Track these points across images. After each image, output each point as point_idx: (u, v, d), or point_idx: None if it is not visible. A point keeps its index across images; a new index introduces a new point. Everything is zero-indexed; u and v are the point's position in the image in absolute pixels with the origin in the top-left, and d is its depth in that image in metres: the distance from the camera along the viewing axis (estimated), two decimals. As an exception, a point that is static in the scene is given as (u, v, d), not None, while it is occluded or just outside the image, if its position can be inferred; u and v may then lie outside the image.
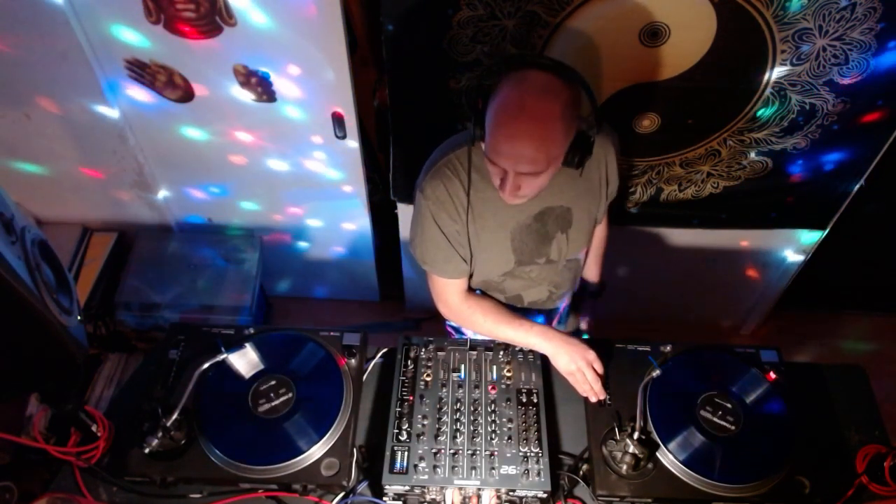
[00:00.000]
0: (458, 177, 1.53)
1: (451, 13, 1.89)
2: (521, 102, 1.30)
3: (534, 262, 1.69)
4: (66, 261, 2.74)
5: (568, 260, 1.74)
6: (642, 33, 1.92)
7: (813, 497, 1.47)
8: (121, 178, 2.66)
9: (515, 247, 1.64)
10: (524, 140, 1.32)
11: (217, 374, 1.53)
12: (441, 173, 1.54)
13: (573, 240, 1.69)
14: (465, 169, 1.52)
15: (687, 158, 2.33)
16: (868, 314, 3.40)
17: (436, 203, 1.55)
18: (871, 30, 1.87)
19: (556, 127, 1.32)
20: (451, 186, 1.54)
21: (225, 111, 2.37)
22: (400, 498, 1.49)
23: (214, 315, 2.74)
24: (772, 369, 1.64)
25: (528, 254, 1.66)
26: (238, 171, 2.63)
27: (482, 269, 1.68)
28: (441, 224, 1.57)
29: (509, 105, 1.31)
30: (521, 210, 1.58)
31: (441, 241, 1.58)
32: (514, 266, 1.68)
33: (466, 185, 1.53)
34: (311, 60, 2.17)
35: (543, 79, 1.30)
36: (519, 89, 1.31)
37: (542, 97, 1.29)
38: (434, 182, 1.54)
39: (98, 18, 2.09)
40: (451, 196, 1.54)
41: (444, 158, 1.55)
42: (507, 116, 1.32)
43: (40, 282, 1.21)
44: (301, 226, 2.94)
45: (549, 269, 1.73)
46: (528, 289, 1.78)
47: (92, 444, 1.49)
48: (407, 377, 1.62)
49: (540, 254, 1.68)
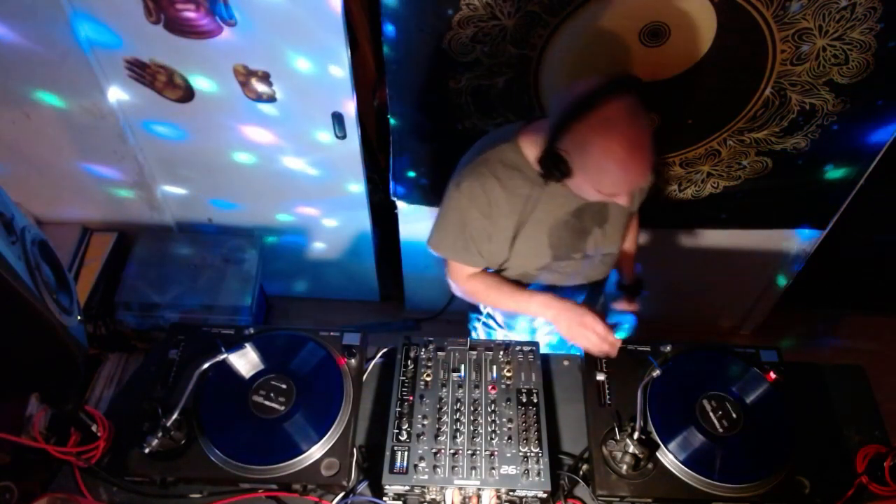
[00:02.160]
0: (496, 175, 1.53)
1: (451, 13, 1.89)
2: (623, 143, 1.28)
3: (570, 257, 1.70)
4: (66, 261, 2.75)
5: (603, 254, 1.74)
6: (642, 33, 1.92)
7: (813, 497, 1.47)
8: (121, 178, 2.66)
9: (552, 242, 1.64)
10: (640, 172, 1.34)
11: (217, 374, 1.53)
12: (478, 171, 1.54)
13: (609, 234, 1.69)
14: (503, 167, 1.53)
15: (687, 158, 2.33)
16: (868, 314, 3.40)
17: (469, 199, 1.55)
18: (871, 30, 1.87)
19: (652, 138, 1.32)
20: (487, 184, 1.54)
21: (225, 111, 2.37)
22: (400, 498, 1.49)
23: (214, 315, 2.74)
24: (772, 369, 1.64)
25: (564, 249, 1.67)
26: (238, 170, 2.63)
27: (518, 262, 1.69)
28: (468, 219, 1.58)
29: (614, 153, 1.29)
30: (559, 206, 1.58)
31: (463, 233, 1.61)
32: (551, 261, 1.69)
33: (505, 185, 1.53)
34: (312, 61, 2.17)
35: (625, 108, 1.28)
36: (614, 134, 1.28)
37: (636, 125, 1.28)
38: (470, 179, 1.55)
39: (98, 19, 2.09)
40: (486, 193, 1.54)
41: (482, 156, 1.55)
42: (617, 163, 1.31)
43: (40, 282, 1.21)
44: (301, 226, 2.94)
45: (584, 264, 1.74)
46: (563, 283, 1.78)
47: (92, 444, 1.49)
48: (407, 377, 1.62)
49: (576, 248, 1.68)
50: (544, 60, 2.01)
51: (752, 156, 2.30)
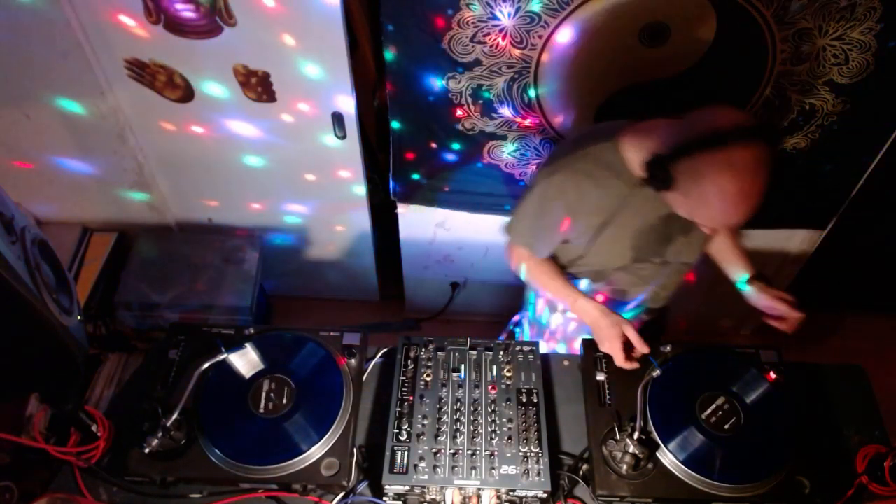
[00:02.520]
0: (591, 172, 1.52)
1: (451, 13, 1.89)
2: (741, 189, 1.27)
3: (649, 261, 1.69)
4: (66, 261, 2.75)
5: (682, 262, 1.73)
6: (642, 33, 1.92)
7: (813, 497, 1.47)
8: (121, 178, 2.66)
9: (635, 244, 1.63)
10: (738, 219, 1.33)
11: (217, 374, 1.53)
12: (574, 166, 1.54)
13: (692, 244, 1.68)
14: (599, 165, 1.52)
15: (687, 158, 2.33)
16: (868, 314, 3.40)
17: (558, 191, 1.55)
18: (871, 30, 1.87)
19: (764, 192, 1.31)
20: (580, 180, 1.53)
21: (225, 111, 2.37)
22: (400, 498, 1.49)
23: (214, 315, 2.74)
24: (772, 369, 1.64)
25: (645, 252, 1.66)
26: (238, 170, 2.63)
27: (597, 260, 1.69)
28: (550, 209, 1.58)
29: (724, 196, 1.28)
30: (649, 210, 1.56)
31: (539, 221, 1.62)
32: (630, 262, 1.68)
33: (600, 183, 1.52)
34: (311, 60, 2.17)
35: (753, 155, 1.26)
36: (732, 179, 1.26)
37: (757, 176, 1.27)
38: (564, 172, 1.55)
39: (98, 18, 2.09)
40: (577, 189, 1.54)
41: (581, 151, 1.54)
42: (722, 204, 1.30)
43: (40, 282, 1.21)
44: (301, 226, 2.94)
45: (661, 270, 1.73)
46: (635, 286, 1.79)
47: (92, 444, 1.49)
48: (407, 377, 1.62)
49: (657, 254, 1.68)
50: (544, 61, 2.01)
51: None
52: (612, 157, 1.51)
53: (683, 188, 1.33)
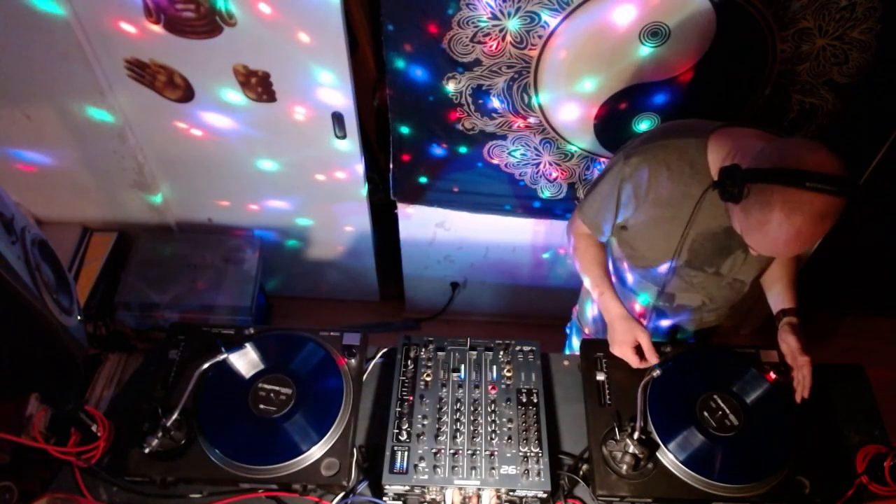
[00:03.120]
0: (669, 164, 1.51)
1: (451, 13, 1.89)
2: (793, 230, 1.26)
3: (703, 269, 1.67)
4: (66, 261, 2.75)
5: (735, 279, 1.70)
6: (642, 33, 1.92)
7: (813, 497, 1.47)
8: (121, 178, 2.66)
9: (692, 246, 1.61)
10: (798, 251, 1.33)
11: (217, 374, 1.53)
12: (652, 153, 1.52)
13: (750, 263, 1.65)
14: (680, 160, 1.50)
15: (687, 158, 2.33)
16: (868, 314, 3.40)
17: (632, 174, 1.54)
18: (871, 30, 1.87)
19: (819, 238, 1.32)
20: (656, 169, 1.52)
21: (225, 111, 2.37)
22: (400, 498, 1.49)
23: (214, 315, 2.74)
24: (772, 369, 1.64)
25: (701, 258, 1.64)
26: (238, 170, 2.63)
27: (652, 256, 1.67)
28: (620, 190, 1.58)
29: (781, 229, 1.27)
30: (716, 216, 1.53)
31: (607, 200, 1.62)
32: (683, 264, 1.66)
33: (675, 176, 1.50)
34: (312, 60, 2.17)
35: (822, 205, 1.24)
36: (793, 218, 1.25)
37: (817, 225, 1.26)
38: (641, 156, 1.53)
39: (98, 18, 2.09)
40: (651, 177, 1.52)
41: (664, 140, 1.53)
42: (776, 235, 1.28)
43: (40, 282, 1.21)
44: (301, 226, 2.94)
45: (712, 281, 1.70)
46: (685, 292, 1.76)
47: (92, 444, 1.49)
48: (407, 377, 1.62)
49: (711, 263, 1.65)
50: (544, 60, 2.01)
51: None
52: (696, 155, 1.48)
53: (747, 208, 1.32)
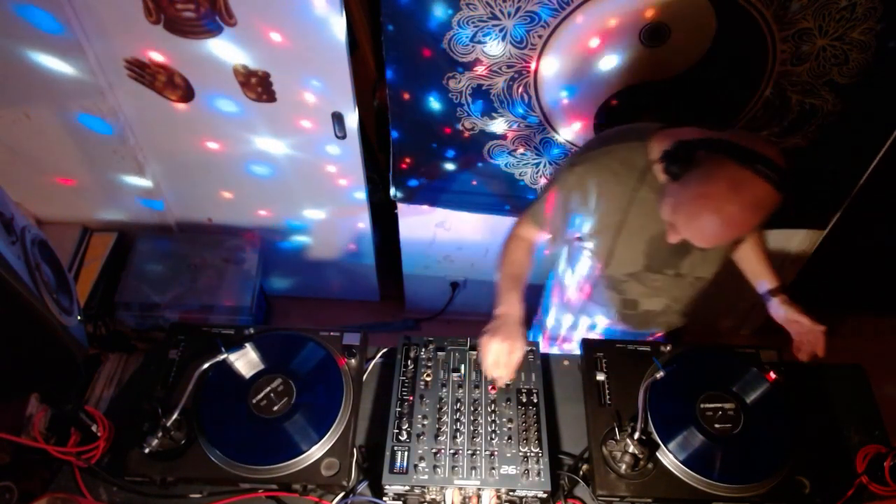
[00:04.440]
0: (615, 170, 1.51)
1: (451, 13, 1.89)
2: (725, 208, 1.25)
3: (662, 272, 1.67)
4: (66, 261, 2.73)
5: (696, 277, 1.71)
6: (642, 33, 1.92)
7: (813, 497, 1.47)
8: (121, 178, 2.66)
9: (649, 251, 1.61)
10: (706, 237, 1.32)
11: (217, 374, 1.53)
12: (599, 161, 1.53)
13: (708, 259, 1.65)
14: (625, 166, 1.50)
15: (687, 158, 2.33)
16: (868, 314, 3.40)
17: (578, 181, 1.54)
18: (871, 30, 1.87)
19: (746, 230, 1.31)
20: (603, 176, 1.52)
21: (225, 111, 2.37)
22: (400, 498, 1.49)
23: (214, 315, 2.74)
24: (772, 369, 1.64)
25: (659, 261, 1.64)
26: (238, 170, 2.63)
27: (611, 262, 1.66)
28: (566, 199, 1.58)
29: (711, 205, 1.26)
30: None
31: (552, 206, 1.62)
32: (642, 270, 1.66)
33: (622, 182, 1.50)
34: (311, 60, 2.17)
35: (762, 192, 1.24)
36: (731, 195, 1.25)
37: (749, 210, 1.25)
38: (586, 165, 1.54)
39: (98, 18, 2.09)
40: (598, 185, 1.52)
41: (608, 147, 1.53)
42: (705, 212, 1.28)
43: (40, 282, 1.21)
44: (301, 226, 2.94)
45: (674, 283, 1.70)
46: (647, 297, 1.76)
47: (92, 444, 1.49)
48: (407, 377, 1.62)
49: (670, 265, 1.65)
50: (544, 60, 2.01)
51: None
52: (639, 159, 1.48)
53: (688, 181, 1.31)
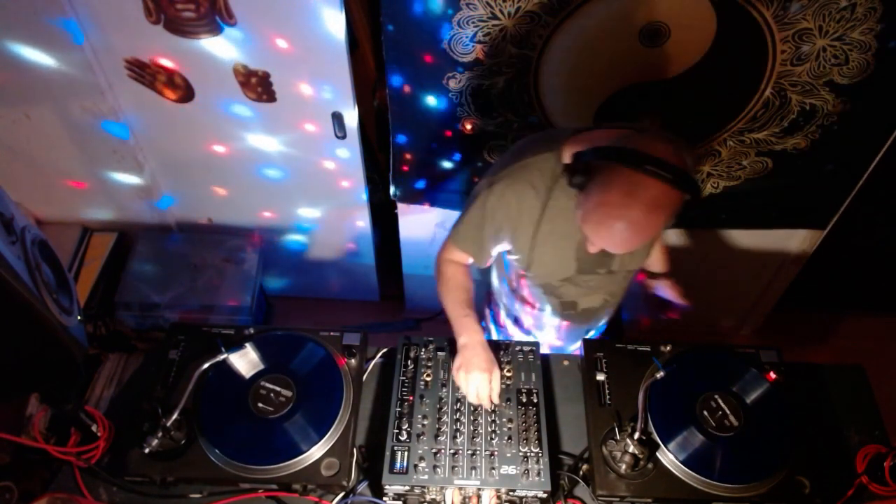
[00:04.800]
0: (533, 183, 1.51)
1: (451, 13, 1.89)
2: (626, 214, 1.26)
3: (595, 272, 1.68)
4: (66, 261, 2.73)
5: (628, 271, 1.72)
6: (642, 33, 1.92)
7: (813, 497, 1.47)
8: (121, 178, 2.66)
9: (579, 256, 1.62)
10: (617, 244, 1.34)
11: (217, 374, 1.53)
12: (515, 176, 1.52)
13: (637, 253, 1.66)
14: (542, 176, 1.50)
15: (687, 158, 2.33)
16: (868, 314, 3.40)
17: (498, 200, 1.54)
18: (871, 30, 1.87)
19: (654, 232, 1.31)
20: (521, 191, 1.52)
21: (225, 111, 2.37)
22: (400, 498, 1.49)
23: (214, 315, 2.74)
24: (772, 369, 1.64)
25: (590, 264, 1.64)
26: (238, 170, 2.63)
27: (543, 272, 1.67)
28: (492, 219, 1.57)
29: (614, 213, 1.28)
30: None
31: (479, 230, 1.60)
32: (575, 274, 1.67)
33: (541, 193, 1.50)
34: (312, 60, 2.17)
35: (657, 192, 1.25)
36: (627, 199, 1.26)
37: (649, 212, 1.26)
38: (505, 182, 1.53)
39: (98, 18, 2.09)
40: (518, 200, 1.52)
41: (522, 161, 1.53)
42: (608, 220, 1.29)
43: (40, 282, 1.21)
44: (301, 226, 2.94)
45: (608, 279, 1.71)
46: (584, 296, 1.77)
47: (92, 444, 1.49)
48: (407, 377, 1.62)
49: (602, 265, 1.66)
50: (544, 60, 2.01)
51: (752, 156, 2.30)
52: (555, 168, 1.48)
53: (589, 190, 1.33)
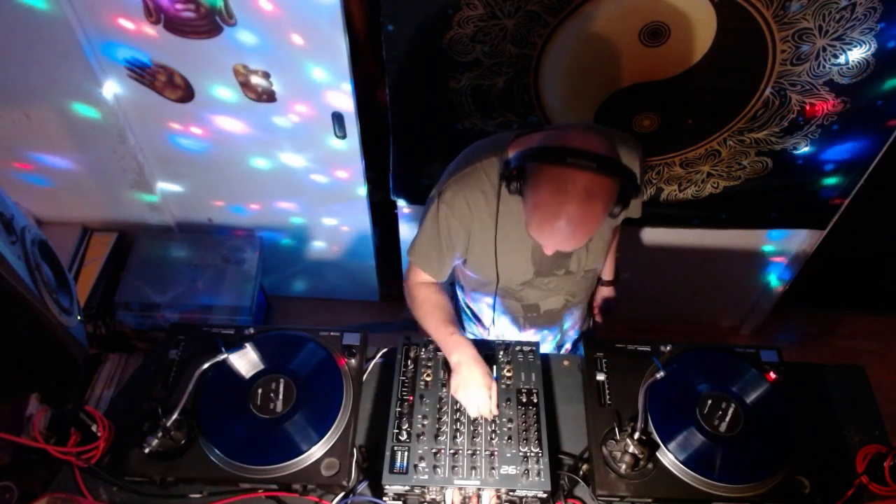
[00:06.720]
0: (482, 189, 1.50)
1: (451, 13, 1.89)
2: (562, 210, 1.27)
3: (553, 274, 1.68)
4: (66, 261, 2.75)
5: (586, 270, 1.72)
6: (642, 33, 1.92)
7: (813, 497, 1.47)
8: (121, 178, 2.66)
9: (535, 259, 1.63)
10: (565, 242, 1.34)
11: (217, 374, 1.53)
12: (464, 182, 1.52)
13: (593, 251, 1.67)
14: (491, 181, 1.50)
15: (687, 158, 2.33)
16: (868, 314, 3.40)
17: (450, 208, 1.53)
18: (871, 30, 1.87)
19: (596, 222, 1.31)
20: (471, 197, 1.51)
21: (225, 111, 2.37)
22: (400, 498, 1.49)
23: (214, 315, 2.75)
24: (772, 369, 1.64)
25: (547, 266, 1.65)
26: (238, 170, 2.63)
27: (501, 276, 1.67)
28: (446, 229, 1.56)
29: (550, 211, 1.28)
30: None
31: (438, 242, 1.59)
32: (533, 277, 1.68)
33: (490, 199, 1.51)
34: (311, 60, 2.17)
35: (586, 182, 1.25)
36: (559, 196, 1.26)
37: (584, 204, 1.26)
38: (454, 189, 1.52)
39: (98, 18, 2.09)
40: (470, 207, 1.52)
41: (470, 167, 1.52)
42: (548, 220, 1.30)
43: (40, 282, 1.21)
44: (301, 226, 2.94)
45: (567, 280, 1.72)
46: (545, 298, 1.77)
47: (92, 444, 1.49)
48: (407, 377, 1.62)
49: (559, 266, 1.67)
50: (544, 60, 2.01)
51: (752, 156, 2.30)
52: (500, 171, 1.48)
53: (526, 195, 1.35)
